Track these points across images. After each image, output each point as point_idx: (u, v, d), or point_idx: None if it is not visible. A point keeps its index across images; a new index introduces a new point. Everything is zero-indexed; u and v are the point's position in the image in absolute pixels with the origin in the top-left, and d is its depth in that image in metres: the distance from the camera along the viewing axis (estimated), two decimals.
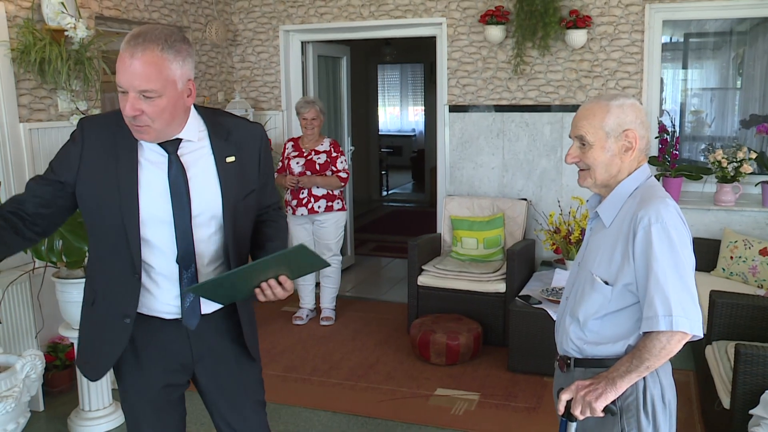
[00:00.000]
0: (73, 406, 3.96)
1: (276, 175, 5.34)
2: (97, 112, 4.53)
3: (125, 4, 4.93)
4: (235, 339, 2.29)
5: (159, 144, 2.05)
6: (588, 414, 1.93)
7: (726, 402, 3.23)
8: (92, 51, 4.30)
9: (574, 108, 5.41)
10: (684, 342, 1.87)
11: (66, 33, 4.10)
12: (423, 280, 5.13)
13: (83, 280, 3.56)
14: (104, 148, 2.04)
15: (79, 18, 4.23)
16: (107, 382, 3.82)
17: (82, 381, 3.75)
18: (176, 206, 2.06)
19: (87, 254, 2.32)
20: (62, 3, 4.10)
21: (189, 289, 2.05)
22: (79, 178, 2.05)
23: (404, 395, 4.23)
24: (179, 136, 2.07)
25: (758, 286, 4.51)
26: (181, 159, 2.07)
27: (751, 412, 2.98)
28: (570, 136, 2.08)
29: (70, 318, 3.70)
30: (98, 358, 2.21)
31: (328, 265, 2.15)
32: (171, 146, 2.07)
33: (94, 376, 2.25)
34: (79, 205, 2.10)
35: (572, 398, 1.97)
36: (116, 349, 2.15)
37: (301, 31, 6.26)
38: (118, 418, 3.86)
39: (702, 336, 1.89)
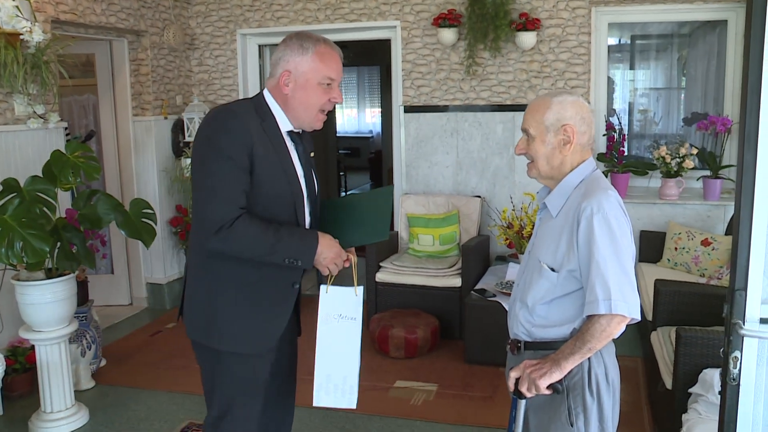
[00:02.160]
0: (34, 409, 3.95)
1: None
2: (55, 116, 4.53)
3: (82, 8, 4.95)
4: (297, 313, 2.63)
5: (288, 133, 2.39)
6: (534, 392, 2.06)
7: (668, 383, 3.39)
8: (49, 55, 4.31)
9: (525, 107, 5.54)
10: (623, 324, 1.99)
11: (21, 37, 4.11)
12: (381, 276, 5.24)
13: (44, 282, 3.62)
14: (259, 134, 2.28)
15: (35, 22, 4.25)
16: (69, 382, 3.83)
17: (44, 382, 3.76)
18: (309, 185, 2.42)
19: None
20: (17, 6, 4.11)
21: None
22: (253, 163, 2.24)
23: (365, 388, 4.26)
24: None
25: (700, 275, 4.72)
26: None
27: (690, 390, 3.15)
28: (521, 129, 2.22)
29: (30, 320, 3.71)
30: (267, 330, 2.40)
31: (386, 237, 2.54)
32: (297, 137, 2.42)
33: (262, 347, 2.40)
34: (254, 188, 2.27)
35: (520, 376, 2.10)
36: (285, 315, 2.42)
37: (259, 34, 6.32)
38: (81, 419, 3.88)
39: (639, 319, 2.01)
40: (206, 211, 2.22)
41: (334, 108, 13.83)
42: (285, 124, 2.37)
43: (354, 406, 2.42)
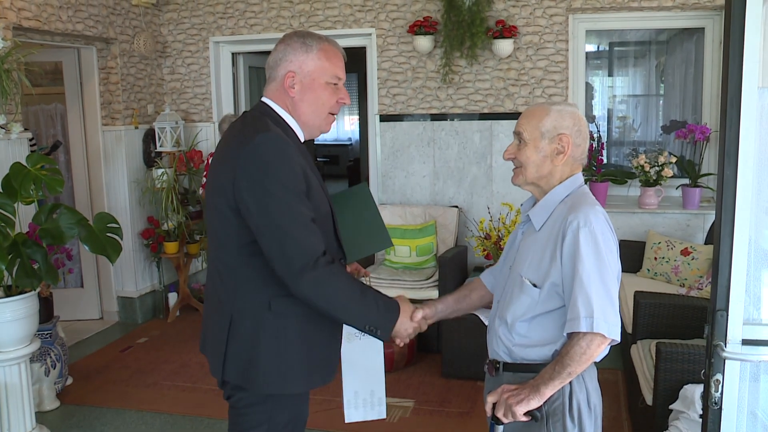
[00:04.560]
0: None
1: (202, 190, 5.26)
2: (17, 126, 4.38)
3: (46, 15, 4.80)
4: None
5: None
6: (511, 418, 1.96)
7: (649, 399, 3.33)
8: (10, 63, 4.16)
9: (502, 116, 5.52)
10: (603, 346, 1.91)
11: None
12: None
13: (1, 300, 3.48)
14: (297, 151, 2.06)
15: None
16: (30, 404, 3.67)
17: (2, 405, 3.59)
18: None
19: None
20: None
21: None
22: (308, 187, 2.05)
23: (339, 404, 4.18)
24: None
25: (680, 285, 4.66)
26: None
27: (671, 407, 3.07)
28: (513, 133, 2.15)
29: None
30: (334, 355, 2.24)
31: (390, 244, 2.51)
32: (304, 146, 2.20)
33: (329, 379, 2.21)
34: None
35: (498, 401, 2.01)
36: (340, 337, 2.27)
37: (232, 42, 6.21)
38: None
39: (619, 340, 1.94)
40: (291, 251, 1.95)
41: None
42: (300, 134, 2.17)
43: (384, 416, 2.43)
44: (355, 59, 8.73)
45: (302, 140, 2.18)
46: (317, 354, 2.16)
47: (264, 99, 2.17)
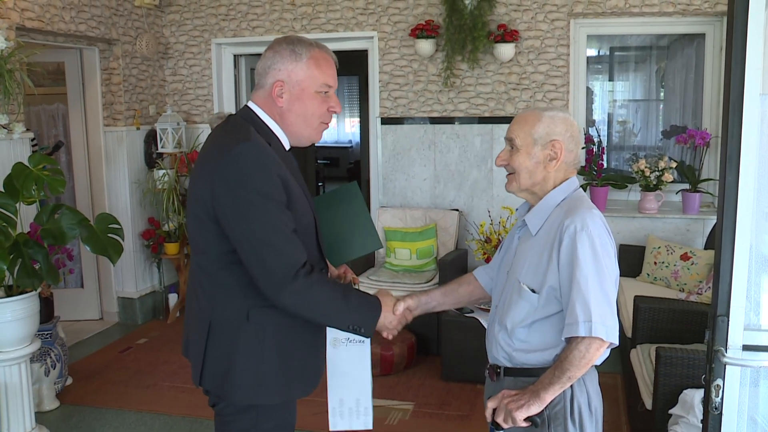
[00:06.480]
0: None
1: None
2: (20, 126, 4.39)
3: (49, 15, 4.81)
4: None
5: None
6: (511, 423, 1.96)
7: (648, 403, 3.33)
8: (13, 63, 4.17)
9: (503, 119, 5.53)
10: (602, 350, 1.91)
11: None
12: None
13: (2, 300, 3.48)
14: (279, 161, 2.03)
15: None
16: (30, 404, 3.68)
17: (2, 405, 3.59)
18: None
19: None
20: None
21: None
22: (288, 196, 2.01)
23: None
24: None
25: (680, 290, 4.67)
26: None
27: (670, 411, 3.08)
28: (504, 139, 2.14)
29: None
30: (314, 366, 2.20)
31: (380, 245, 2.50)
32: (291, 154, 2.19)
33: (309, 390, 2.19)
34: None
35: (497, 406, 2.01)
36: (324, 348, 2.23)
37: (234, 44, 6.22)
38: None
39: (618, 344, 1.94)
40: (271, 262, 1.94)
41: None
42: (285, 143, 2.13)
43: (370, 427, 2.35)
44: (357, 62, 8.80)
45: (287, 148, 2.15)
46: (296, 365, 2.13)
47: (250, 104, 2.13)
